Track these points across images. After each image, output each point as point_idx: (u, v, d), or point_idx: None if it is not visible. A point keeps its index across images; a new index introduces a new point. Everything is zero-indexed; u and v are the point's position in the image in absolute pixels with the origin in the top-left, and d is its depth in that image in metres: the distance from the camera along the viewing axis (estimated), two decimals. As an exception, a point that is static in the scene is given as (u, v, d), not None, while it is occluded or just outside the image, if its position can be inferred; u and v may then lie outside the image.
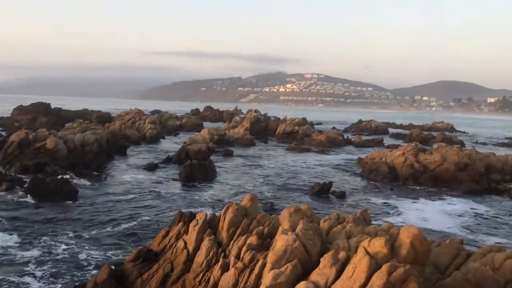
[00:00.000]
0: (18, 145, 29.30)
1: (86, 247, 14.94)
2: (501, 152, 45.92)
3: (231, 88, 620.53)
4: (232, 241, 10.61)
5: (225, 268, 9.67)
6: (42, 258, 13.83)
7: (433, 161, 30.78)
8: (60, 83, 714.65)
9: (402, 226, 9.00)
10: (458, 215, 21.75)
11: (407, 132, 75.29)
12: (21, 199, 20.90)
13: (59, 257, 13.93)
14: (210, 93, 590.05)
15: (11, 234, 15.86)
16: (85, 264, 13.59)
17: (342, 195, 24.68)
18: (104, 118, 69.19)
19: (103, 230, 16.98)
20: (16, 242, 15.13)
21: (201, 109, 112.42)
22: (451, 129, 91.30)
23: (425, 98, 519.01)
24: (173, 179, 28.17)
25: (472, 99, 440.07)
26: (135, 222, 18.24)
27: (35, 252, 14.26)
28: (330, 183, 25.88)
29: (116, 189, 24.58)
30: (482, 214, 22.29)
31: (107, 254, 14.47)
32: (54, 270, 13.00)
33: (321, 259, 8.55)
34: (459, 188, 27.81)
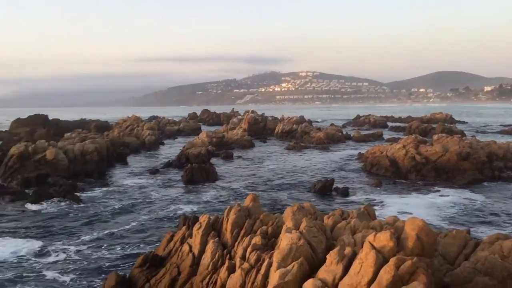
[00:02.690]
0: (18, 158, 29.22)
1: (95, 253, 15.03)
2: (501, 139, 46.08)
3: (227, 90, 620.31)
4: (236, 242, 10.57)
5: (231, 270, 9.62)
6: (54, 265, 13.96)
7: (434, 152, 30.70)
8: (54, 94, 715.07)
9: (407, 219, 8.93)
10: (447, 207, 21.12)
11: (406, 125, 74.97)
12: (27, 210, 20.93)
13: (70, 265, 13.93)
14: (206, 96, 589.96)
15: (26, 242, 16.08)
16: (96, 270, 13.56)
17: (344, 191, 24.51)
18: (103, 126, 69.19)
19: (112, 235, 17.04)
20: (32, 249, 15.34)
21: (198, 113, 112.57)
22: (450, 119, 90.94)
23: (421, 90, 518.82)
24: (175, 182, 28.23)
25: (469, 89, 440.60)
26: (140, 225, 18.32)
27: (50, 259, 14.53)
28: (332, 180, 25.79)
29: (120, 194, 24.59)
30: (475, 204, 21.79)
31: (116, 260, 14.48)
32: (66, 277, 13.03)
33: (327, 256, 8.49)
34: (463, 178, 27.63)
